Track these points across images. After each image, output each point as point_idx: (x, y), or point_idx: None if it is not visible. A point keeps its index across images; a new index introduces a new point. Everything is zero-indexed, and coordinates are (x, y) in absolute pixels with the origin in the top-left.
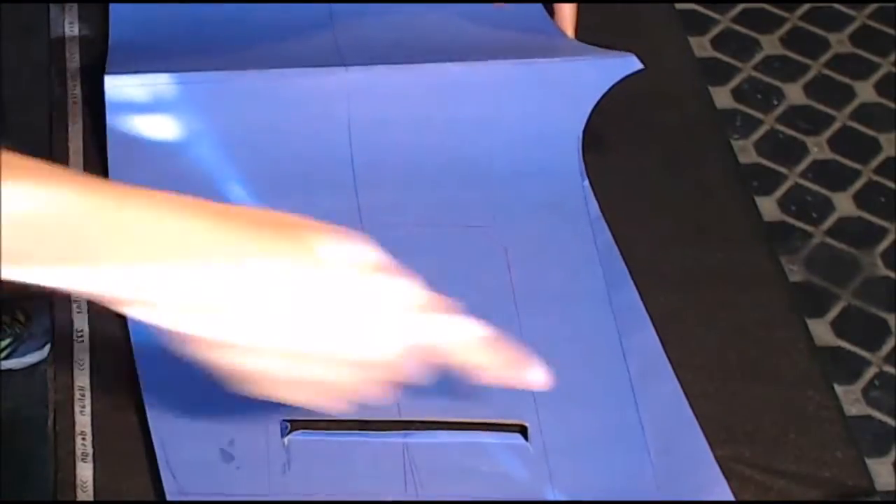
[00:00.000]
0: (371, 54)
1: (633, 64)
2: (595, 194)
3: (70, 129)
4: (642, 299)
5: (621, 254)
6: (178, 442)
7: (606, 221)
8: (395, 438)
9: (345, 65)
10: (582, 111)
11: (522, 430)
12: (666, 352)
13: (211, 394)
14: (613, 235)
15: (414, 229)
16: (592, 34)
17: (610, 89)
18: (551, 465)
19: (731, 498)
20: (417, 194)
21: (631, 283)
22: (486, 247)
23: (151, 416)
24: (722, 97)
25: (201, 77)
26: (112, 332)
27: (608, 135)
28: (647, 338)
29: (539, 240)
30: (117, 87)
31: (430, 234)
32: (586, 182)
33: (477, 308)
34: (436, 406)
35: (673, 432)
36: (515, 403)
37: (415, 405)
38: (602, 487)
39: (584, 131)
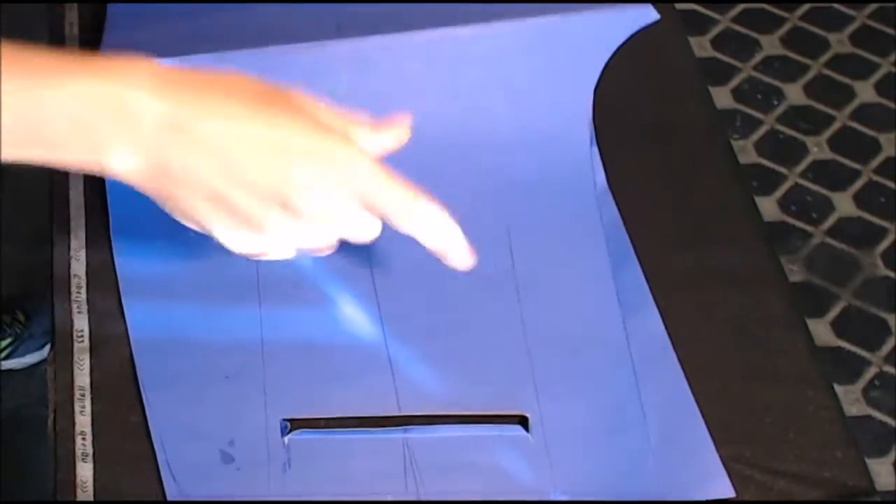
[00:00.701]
0: (371, 22)
1: (648, 15)
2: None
3: None
4: (646, 278)
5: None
6: (179, 444)
7: (613, 194)
8: (394, 434)
9: (344, 36)
10: (594, 67)
11: (523, 422)
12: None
13: (210, 395)
14: (619, 208)
15: None
16: None
17: (625, 42)
18: (552, 456)
19: (730, 488)
20: (416, 167)
21: (636, 261)
22: (487, 227)
23: (151, 417)
24: (722, 97)
25: (191, 60)
26: (112, 332)
27: (608, 134)
28: (650, 320)
29: (543, 217)
30: None
31: None
32: (595, 149)
33: (477, 295)
34: (435, 400)
35: (675, 421)
36: (516, 393)
37: (414, 399)
38: (602, 478)
39: (595, 92)
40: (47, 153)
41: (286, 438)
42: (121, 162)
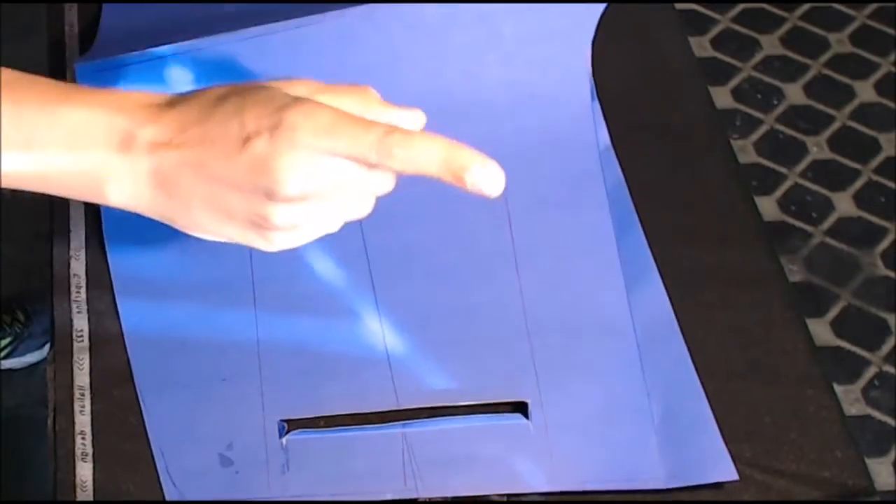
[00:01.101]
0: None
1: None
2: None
3: None
4: (649, 245)
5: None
6: (177, 449)
7: (616, 154)
8: (393, 430)
9: (324, 11)
10: (590, 17)
11: (523, 408)
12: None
13: (207, 398)
14: (622, 167)
15: (406, 189)
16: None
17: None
18: (553, 444)
19: (733, 471)
20: None
21: (639, 227)
22: (483, 199)
23: (149, 423)
24: (722, 97)
25: (181, 47)
26: (112, 331)
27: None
28: (654, 294)
29: (543, 183)
30: (87, 74)
31: (423, 191)
32: (596, 104)
33: (475, 276)
34: (434, 391)
35: (678, 401)
36: (516, 379)
37: (413, 392)
38: (604, 464)
39: (594, 44)
40: (47, 184)
41: (284, 440)
42: (119, 190)
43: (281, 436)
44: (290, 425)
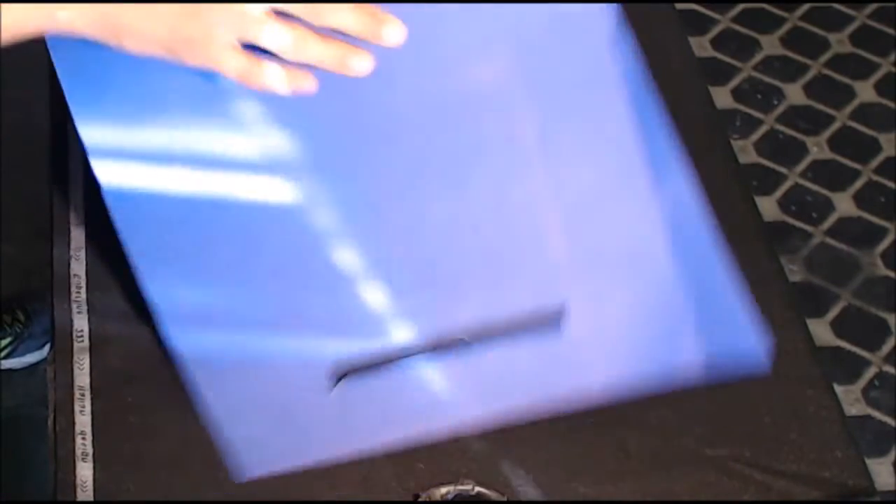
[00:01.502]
0: None
1: None
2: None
3: (69, 127)
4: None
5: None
6: (236, 422)
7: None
8: (435, 361)
9: None
10: None
11: (556, 320)
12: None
13: (255, 365)
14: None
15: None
16: None
17: None
18: (588, 348)
19: (766, 361)
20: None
21: (659, 112)
22: (491, 89)
23: (207, 402)
24: (722, 97)
25: None
26: (112, 332)
27: None
28: (679, 184)
29: (552, 72)
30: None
31: (432, 116)
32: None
33: (491, 183)
34: (469, 317)
35: (710, 296)
36: (546, 289)
37: (448, 321)
38: (639, 359)
39: None
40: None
41: (335, 391)
42: (66, 13)
43: (331, 389)
44: (338, 377)
